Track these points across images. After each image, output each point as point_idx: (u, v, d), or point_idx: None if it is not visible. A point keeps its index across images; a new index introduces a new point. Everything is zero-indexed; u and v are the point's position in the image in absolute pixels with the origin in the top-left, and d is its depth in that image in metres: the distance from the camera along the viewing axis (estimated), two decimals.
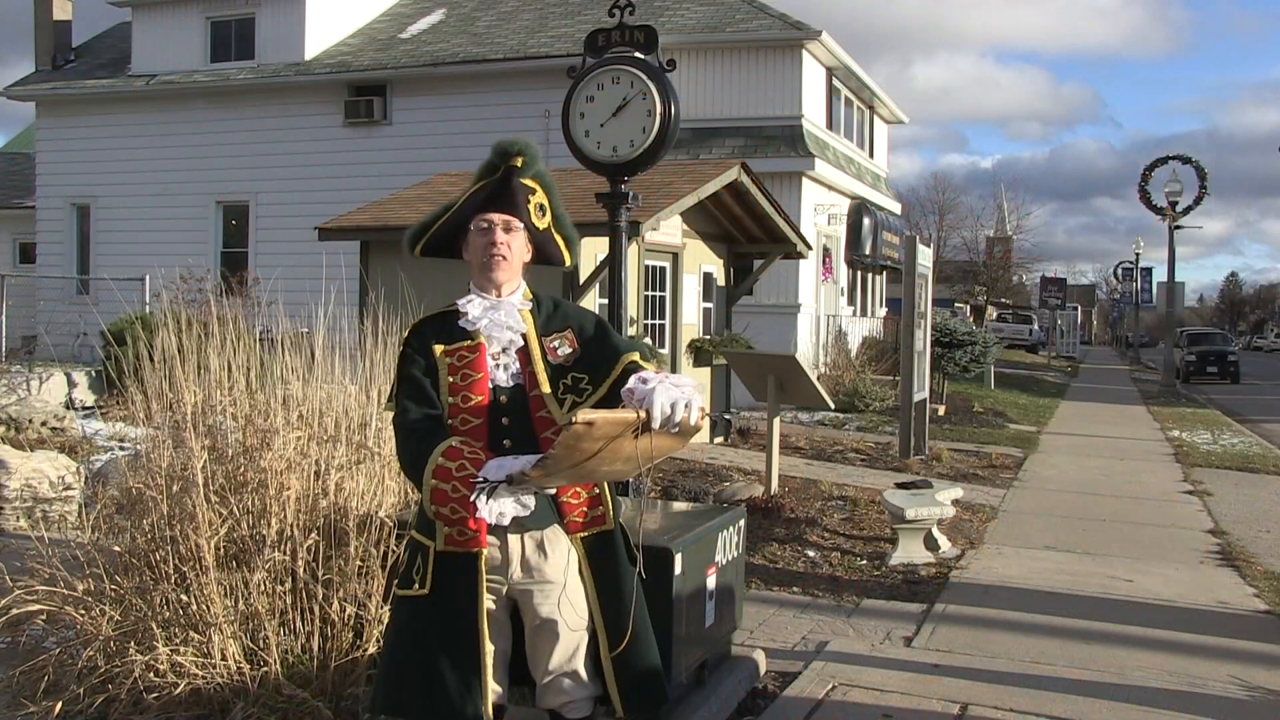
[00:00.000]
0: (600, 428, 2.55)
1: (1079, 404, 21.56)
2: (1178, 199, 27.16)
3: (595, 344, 3.01)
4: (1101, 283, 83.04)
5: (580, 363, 2.98)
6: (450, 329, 3.00)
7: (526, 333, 2.99)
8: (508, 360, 2.96)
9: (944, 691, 4.63)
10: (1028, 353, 44.16)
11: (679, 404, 2.62)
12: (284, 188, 19.54)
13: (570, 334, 3.02)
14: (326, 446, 4.29)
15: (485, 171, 3.08)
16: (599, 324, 3.09)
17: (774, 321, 17.29)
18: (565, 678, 2.92)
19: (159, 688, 3.78)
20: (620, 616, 2.94)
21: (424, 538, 2.92)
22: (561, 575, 2.92)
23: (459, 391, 2.91)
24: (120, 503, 4.39)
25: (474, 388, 2.92)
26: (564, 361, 2.97)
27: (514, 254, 3.00)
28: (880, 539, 7.63)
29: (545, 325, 3.03)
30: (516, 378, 2.95)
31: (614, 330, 3.12)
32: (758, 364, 8.91)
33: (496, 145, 3.09)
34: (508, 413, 2.91)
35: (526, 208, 3.02)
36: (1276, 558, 7.61)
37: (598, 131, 5.71)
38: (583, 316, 3.11)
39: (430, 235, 3.09)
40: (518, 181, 3.03)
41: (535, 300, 3.08)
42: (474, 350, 2.96)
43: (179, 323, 4.50)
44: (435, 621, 2.87)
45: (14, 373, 12.41)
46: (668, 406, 2.60)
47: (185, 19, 20.79)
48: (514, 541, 2.90)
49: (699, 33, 18.74)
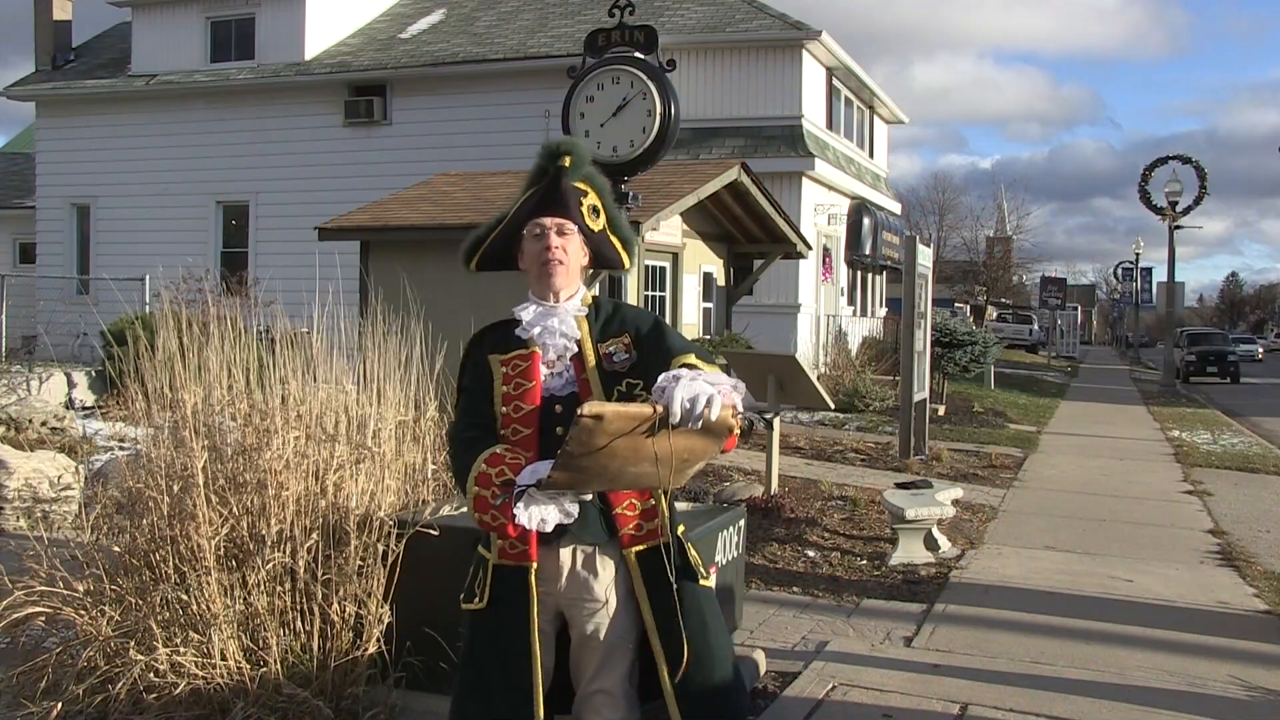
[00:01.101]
0: (611, 422, 2.42)
1: (1079, 404, 21.56)
2: (1178, 199, 27.17)
3: (650, 346, 2.90)
4: (1101, 283, 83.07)
5: (635, 368, 2.89)
6: (507, 337, 2.93)
7: (581, 339, 2.90)
8: (563, 368, 2.89)
9: (944, 691, 4.63)
10: (1028, 353, 44.17)
11: (700, 398, 2.45)
12: (284, 188, 19.55)
13: (627, 338, 2.92)
14: (325, 446, 4.29)
15: (535, 177, 2.96)
16: (656, 325, 2.97)
17: (774, 321, 17.30)
18: (600, 695, 2.86)
19: (159, 688, 3.78)
20: (673, 637, 2.80)
21: (484, 550, 2.90)
22: (605, 594, 2.84)
23: (511, 401, 2.86)
24: (120, 503, 4.39)
25: (526, 397, 2.86)
26: (620, 368, 2.88)
27: (570, 258, 2.90)
28: (880, 539, 7.63)
29: (602, 331, 2.93)
30: (571, 385, 2.87)
31: (673, 331, 2.99)
32: (758, 364, 8.91)
33: (544, 147, 2.97)
34: (563, 421, 2.80)
35: (580, 210, 2.92)
36: (1276, 558, 7.61)
37: (598, 131, 5.72)
38: (640, 318, 2.98)
39: (485, 247, 2.99)
40: (568, 184, 2.92)
41: (595, 305, 2.99)
42: (527, 359, 2.89)
43: (179, 322, 4.50)
44: (493, 634, 2.85)
45: (14, 373, 12.41)
46: (687, 401, 2.45)
47: (185, 19, 20.79)
48: (565, 554, 2.84)
49: (699, 33, 18.74)
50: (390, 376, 4.71)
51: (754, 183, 11.61)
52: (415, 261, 9.77)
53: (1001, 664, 5.06)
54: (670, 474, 2.49)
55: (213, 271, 13.66)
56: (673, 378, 2.54)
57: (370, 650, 4.00)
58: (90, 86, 21.27)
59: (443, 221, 10.81)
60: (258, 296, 6.37)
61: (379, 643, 4.00)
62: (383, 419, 4.55)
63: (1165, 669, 5.05)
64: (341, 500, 4.21)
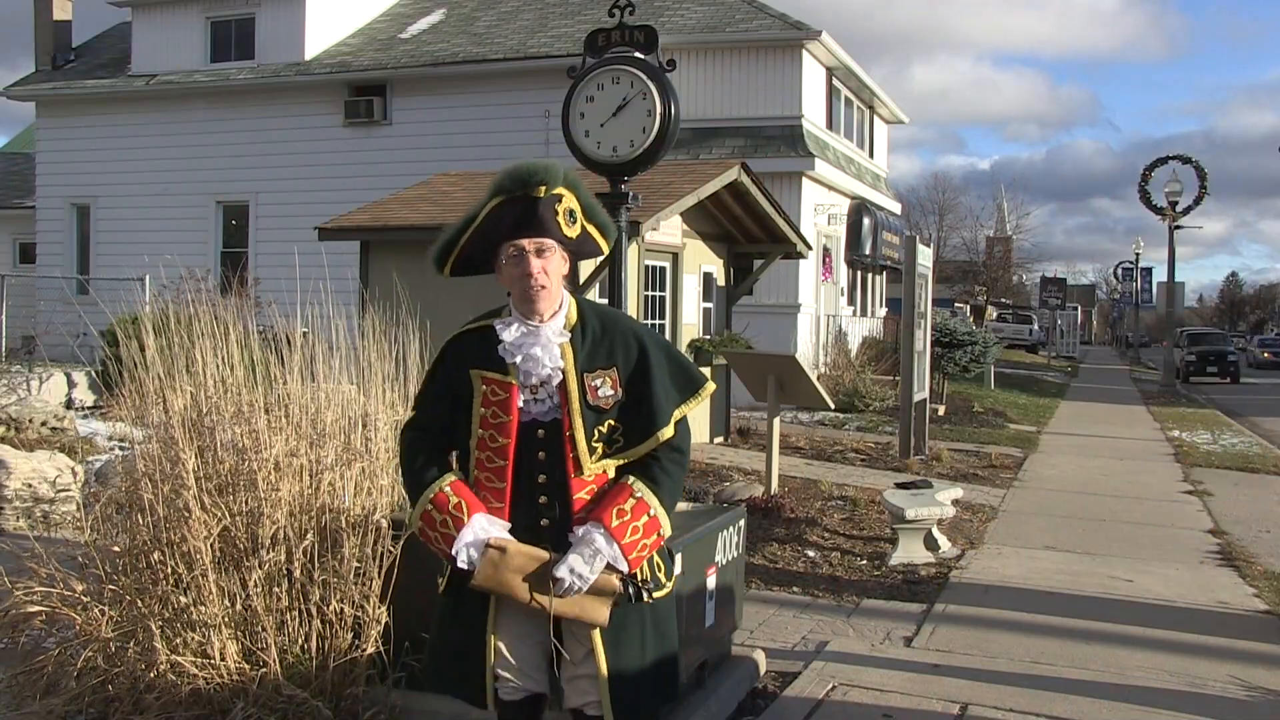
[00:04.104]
0: (514, 558, 2.82)
1: (1079, 404, 21.56)
2: (1178, 199, 27.17)
3: (636, 397, 2.90)
4: (1101, 283, 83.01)
5: (621, 412, 2.90)
6: (490, 351, 2.91)
7: (565, 370, 2.88)
8: (546, 395, 2.89)
9: (944, 691, 4.63)
10: (1028, 353, 44.14)
11: (567, 584, 2.79)
12: (284, 188, 19.54)
13: (615, 374, 2.91)
14: (318, 447, 4.28)
15: (500, 190, 2.89)
16: (644, 360, 2.93)
17: (774, 321, 17.28)
18: (585, 679, 2.93)
19: (159, 688, 3.78)
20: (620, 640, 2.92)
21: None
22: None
23: (489, 427, 2.89)
24: (119, 503, 4.39)
25: (502, 430, 2.88)
26: (604, 404, 2.89)
27: (552, 278, 2.88)
28: (880, 539, 7.63)
29: (589, 359, 2.91)
30: (555, 411, 2.89)
31: (660, 369, 2.95)
32: (758, 364, 8.90)
33: (516, 172, 2.87)
34: (545, 447, 2.88)
35: (556, 223, 2.87)
36: (1276, 558, 7.61)
37: (598, 131, 5.71)
38: (630, 347, 2.94)
39: (458, 256, 2.97)
40: (545, 204, 2.86)
41: (581, 322, 2.95)
42: (505, 388, 2.88)
43: (176, 322, 4.49)
44: (455, 611, 2.98)
45: (14, 373, 12.41)
46: (568, 575, 2.79)
47: (185, 19, 20.79)
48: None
49: (699, 33, 18.73)
50: (388, 376, 4.71)
51: (754, 183, 11.60)
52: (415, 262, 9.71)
53: (1001, 664, 5.05)
54: (550, 608, 2.82)
55: (213, 271, 13.68)
56: (583, 541, 2.81)
57: (369, 651, 3.99)
58: (90, 86, 21.26)
59: (443, 221, 10.68)
60: (257, 296, 6.36)
61: (378, 643, 4.00)
62: (378, 419, 4.54)
63: (1165, 669, 5.05)
64: (335, 501, 4.20)
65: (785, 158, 18.03)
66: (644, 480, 2.90)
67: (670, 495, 2.93)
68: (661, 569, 3.02)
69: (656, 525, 2.88)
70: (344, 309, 4.85)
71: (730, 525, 4.38)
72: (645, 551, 2.87)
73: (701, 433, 12.10)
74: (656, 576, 2.98)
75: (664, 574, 3.03)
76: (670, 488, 2.93)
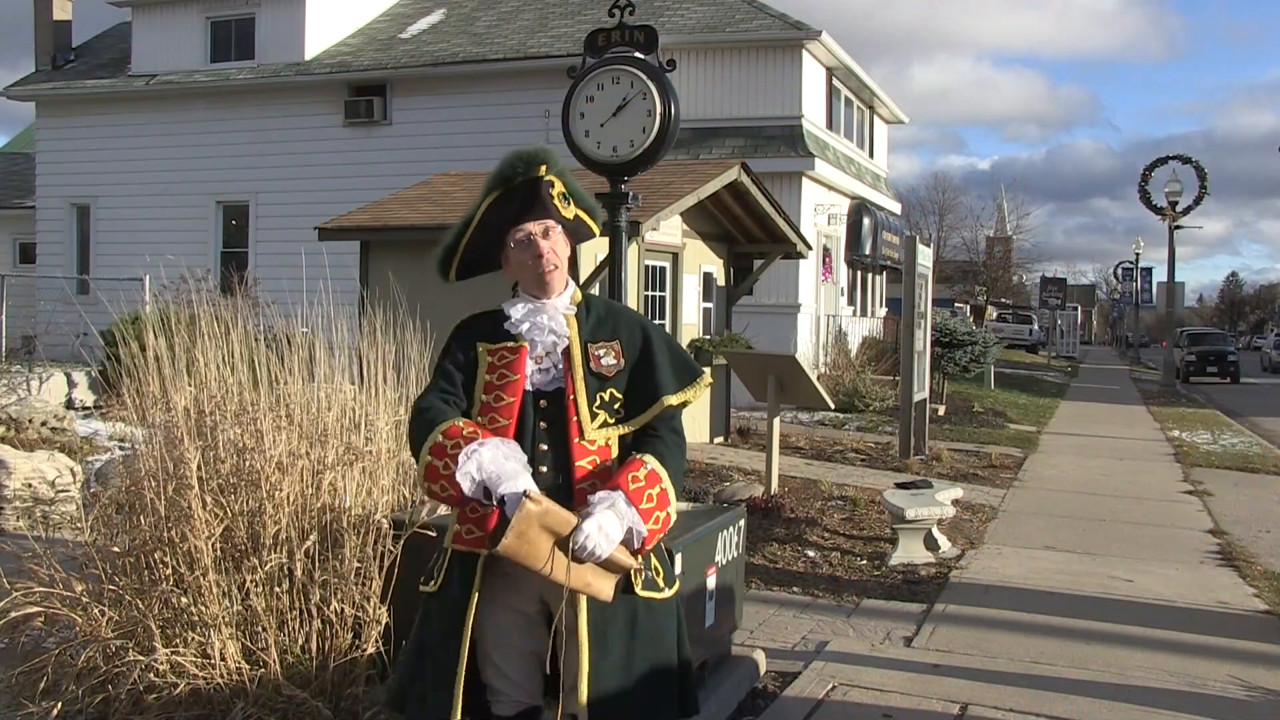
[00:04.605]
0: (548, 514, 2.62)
1: (1079, 404, 21.56)
2: (1178, 199, 27.17)
3: (639, 370, 2.93)
4: (1101, 283, 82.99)
5: (621, 377, 2.92)
6: (497, 328, 2.96)
7: (570, 337, 2.91)
8: (550, 364, 2.91)
9: (944, 691, 4.63)
10: (1028, 353, 44.13)
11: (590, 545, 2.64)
12: (284, 188, 19.54)
13: (618, 346, 2.94)
14: (320, 447, 4.28)
15: (499, 181, 2.94)
16: (648, 344, 2.97)
17: (774, 321, 17.28)
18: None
19: (159, 688, 3.78)
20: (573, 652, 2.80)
21: (447, 536, 2.94)
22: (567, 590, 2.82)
23: (493, 390, 2.88)
24: (119, 503, 4.39)
25: (508, 389, 2.87)
26: (607, 373, 2.91)
27: (560, 257, 2.94)
28: (880, 539, 7.63)
29: (593, 332, 2.95)
30: (559, 380, 2.90)
31: (662, 351, 2.99)
32: (758, 364, 8.90)
33: (517, 157, 2.94)
34: (546, 417, 2.87)
35: (555, 205, 2.94)
36: (1276, 558, 7.61)
37: (598, 131, 5.70)
38: (634, 329, 2.99)
39: (461, 258, 2.98)
40: (545, 185, 2.93)
41: (585, 304, 3.01)
42: (515, 351, 2.91)
43: (177, 322, 4.49)
44: (435, 617, 2.89)
45: (14, 373, 12.40)
46: (588, 540, 2.65)
47: (185, 19, 20.79)
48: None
49: (699, 33, 18.73)
50: (388, 376, 4.71)
51: (754, 183, 11.60)
52: (415, 261, 9.75)
53: (1001, 664, 5.05)
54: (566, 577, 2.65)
55: (213, 271, 13.68)
56: (605, 502, 2.69)
57: (369, 651, 3.99)
58: (90, 86, 21.26)
59: (443, 221, 10.79)
60: (257, 296, 6.36)
61: (378, 643, 4.00)
62: (378, 418, 4.54)
63: (1165, 669, 5.05)
64: (337, 502, 4.21)
65: (785, 158, 18.03)
66: (653, 454, 2.86)
67: (675, 475, 2.89)
68: (661, 574, 2.97)
69: (667, 500, 2.83)
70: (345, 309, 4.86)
71: (730, 525, 4.39)
72: (659, 525, 2.79)
73: (701, 433, 12.10)
74: (655, 581, 2.94)
75: (663, 579, 2.96)
76: (675, 467, 2.90)
